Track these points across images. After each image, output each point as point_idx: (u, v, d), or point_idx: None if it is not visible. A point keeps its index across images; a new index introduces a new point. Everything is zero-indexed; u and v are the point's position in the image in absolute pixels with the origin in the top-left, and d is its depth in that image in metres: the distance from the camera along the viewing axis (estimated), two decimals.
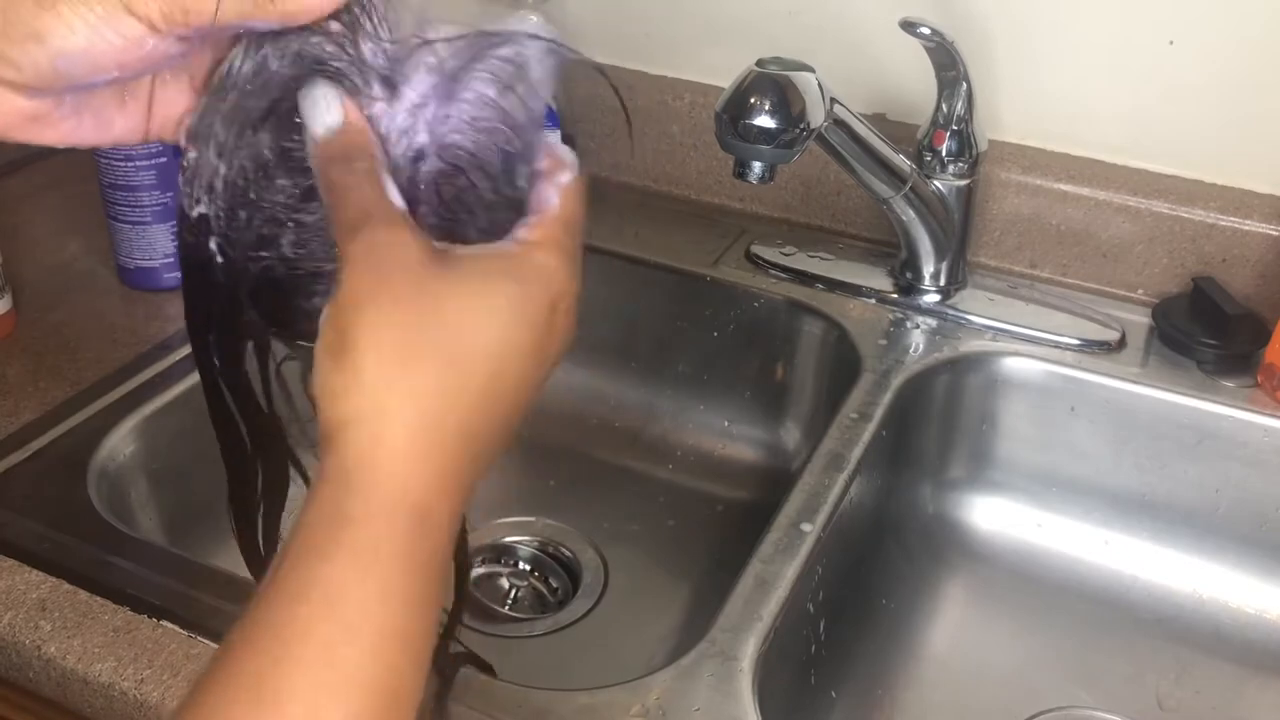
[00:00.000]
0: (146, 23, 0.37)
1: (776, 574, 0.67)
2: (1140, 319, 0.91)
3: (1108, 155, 0.93)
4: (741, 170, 0.77)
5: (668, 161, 1.06)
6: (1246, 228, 0.89)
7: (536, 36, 0.43)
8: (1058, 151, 0.94)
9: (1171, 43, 0.88)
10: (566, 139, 1.10)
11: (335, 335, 0.37)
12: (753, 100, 0.75)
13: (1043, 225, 0.94)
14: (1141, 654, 0.83)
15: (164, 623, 0.62)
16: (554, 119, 1.01)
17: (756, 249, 0.98)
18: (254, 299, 0.43)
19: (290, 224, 0.42)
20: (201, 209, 0.42)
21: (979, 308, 0.91)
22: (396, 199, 0.39)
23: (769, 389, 0.96)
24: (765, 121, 0.74)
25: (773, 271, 0.96)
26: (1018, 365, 0.87)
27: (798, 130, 0.75)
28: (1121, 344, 0.88)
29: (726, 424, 0.98)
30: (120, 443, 0.77)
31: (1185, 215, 0.90)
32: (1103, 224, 0.93)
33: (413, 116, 0.42)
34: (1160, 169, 0.91)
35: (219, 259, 0.42)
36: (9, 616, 0.63)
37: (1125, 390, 0.85)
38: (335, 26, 0.41)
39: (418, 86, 0.42)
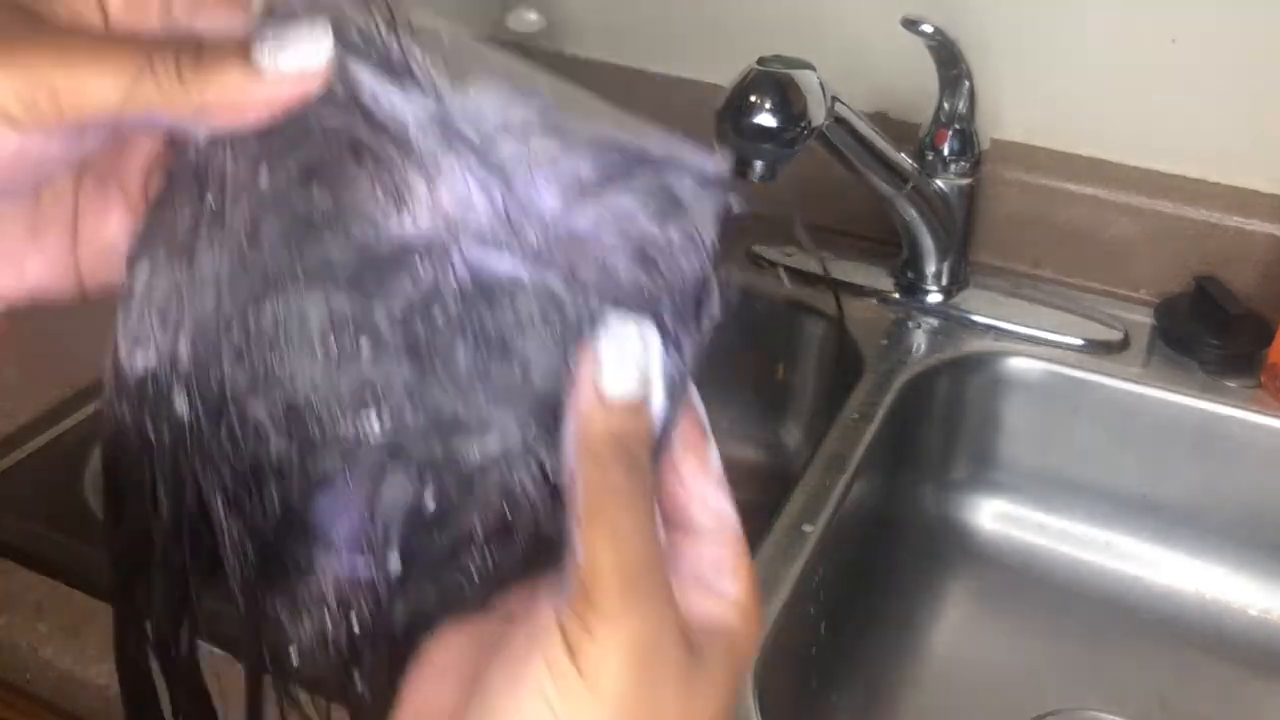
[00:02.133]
0: (2, 115, 0.27)
1: (778, 575, 0.67)
2: (1143, 319, 0.90)
3: (1110, 154, 0.92)
4: (743, 169, 0.77)
5: None
6: (1250, 227, 0.88)
7: (696, 169, 0.31)
8: (1060, 150, 0.93)
9: (1174, 41, 0.87)
10: None
11: (576, 680, 0.27)
12: (754, 98, 0.74)
13: (1045, 224, 0.94)
14: (1144, 655, 0.83)
15: None
16: None
17: (757, 249, 0.98)
18: (233, 503, 0.28)
19: (312, 384, 0.28)
20: (147, 359, 0.29)
21: (981, 307, 0.91)
22: (662, 535, 0.29)
23: (770, 389, 0.96)
24: (766, 120, 0.74)
25: (774, 271, 0.96)
26: (1020, 365, 0.87)
27: (799, 129, 0.75)
28: (1124, 344, 0.88)
29: (727, 424, 0.97)
30: None
31: (1188, 215, 0.90)
32: (1105, 223, 0.92)
33: (519, 225, 0.29)
34: (1163, 168, 0.91)
35: (183, 416, 0.28)
36: (6, 618, 0.63)
37: (1128, 391, 0.84)
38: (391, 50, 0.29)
39: (534, 187, 0.29)
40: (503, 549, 0.29)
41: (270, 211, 0.28)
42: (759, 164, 0.76)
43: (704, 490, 0.31)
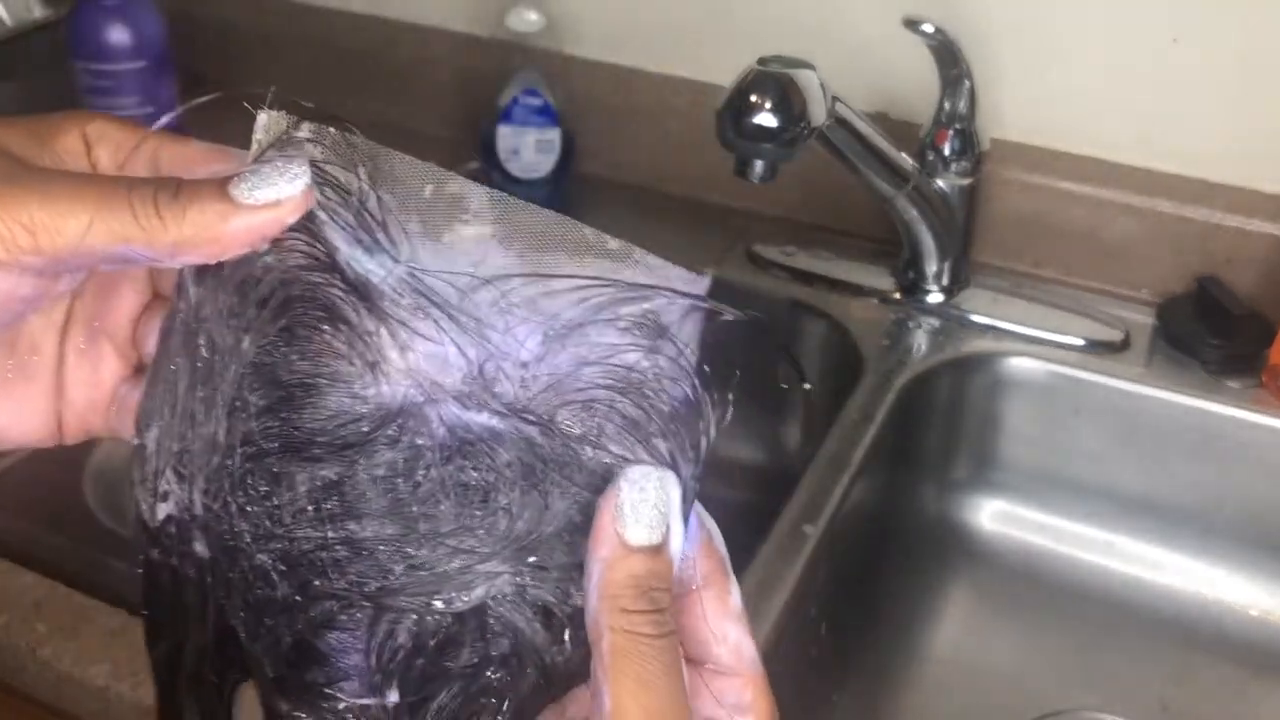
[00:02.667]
0: None
1: (778, 576, 0.67)
2: (1144, 319, 0.90)
3: (1111, 154, 0.92)
4: (743, 169, 0.77)
5: (667, 161, 1.05)
6: (1251, 227, 0.88)
7: (675, 291, 0.31)
8: (1061, 150, 0.93)
9: (1175, 40, 0.87)
10: (567, 138, 1.08)
11: None
12: (754, 98, 0.74)
13: (1046, 224, 0.94)
14: (1145, 656, 0.83)
15: None
16: (553, 118, 1.00)
17: (758, 249, 0.97)
18: (251, 630, 0.30)
19: (305, 540, 0.30)
20: (168, 508, 0.30)
21: (982, 307, 0.91)
22: (685, 676, 0.30)
23: (770, 390, 0.96)
24: (767, 120, 0.74)
25: (774, 271, 0.95)
26: (1021, 366, 0.87)
27: (799, 128, 0.75)
28: (1125, 344, 0.87)
29: (730, 426, 0.97)
30: (115, 444, 0.76)
31: (1189, 215, 0.89)
32: (1106, 223, 0.92)
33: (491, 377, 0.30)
34: (1164, 168, 0.91)
35: (204, 556, 0.30)
36: (4, 618, 0.63)
37: (1129, 391, 0.84)
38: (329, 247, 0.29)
39: (512, 334, 0.30)
40: (513, 683, 0.31)
41: (254, 378, 0.30)
42: (759, 164, 0.76)
43: (724, 627, 0.31)
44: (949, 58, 0.83)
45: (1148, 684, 0.80)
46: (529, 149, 1.00)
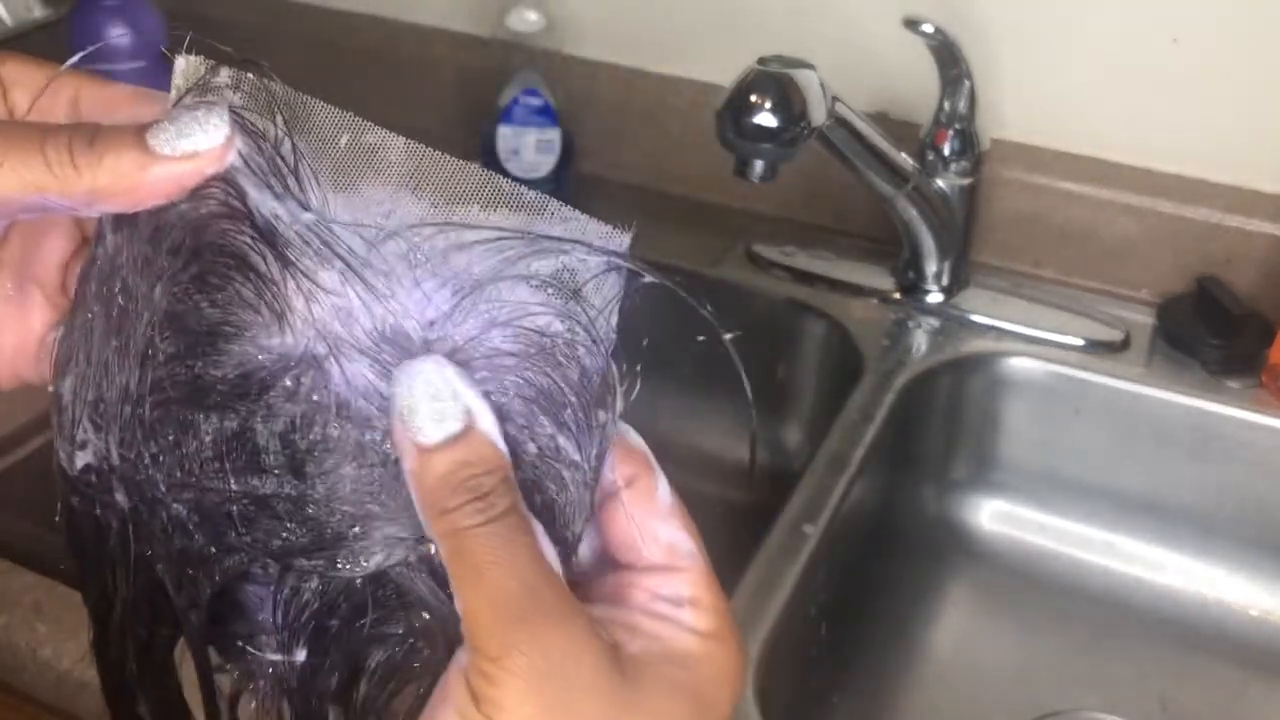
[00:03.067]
0: None
1: (778, 576, 0.67)
2: (1144, 319, 0.90)
3: (1111, 154, 0.92)
4: (743, 169, 0.77)
5: (667, 161, 1.05)
6: (1251, 227, 0.88)
7: (593, 246, 0.29)
8: (1061, 150, 0.93)
9: (1175, 40, 0.87)
10: (567, 138, 1.08)
11: None
12: (754, 98, 0.74)
13: (1046, 224, 0.94)
14: (1145, 656, 0.83)
15: None
16: (553, 118, 1.00)
17: (757, 249, 0.97)
18: (175, 580, 0.30)
19: (213, 491, 0.29)
20: (86, 456, 0.30)
21: (982, 307, 0.91)
22: (551, 554, 0.28)
23: (770, 390, 0.96)
24: (766, 119, 0.74)
25: (774, 271, 0.95)
26: (1021, 366, 0.87)
27: (799, 128, 0.75)
28: (1125, 344, 0.87)
29: (728, 425, 0.97)
30: None
31: (1189, 215, 0.89)
32: (1106, 223, 0.92)
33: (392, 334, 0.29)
34: (1164, 168, 0.91)
35: (125, 506, 0.30)
36: (4, 619, 0.63)
37: (1129, 391, 0.84)
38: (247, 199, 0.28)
39: (419, 289, 0.29)
40: (431, 659, 0.30)
41: (166, 325, 0.29)
42: (759, 164, 0.76)
43: (652, 524, 0.30)
44: (949, 58, 0.83)
45: (1147, 683, 0.80)
46: (529, 149, 1.00)
